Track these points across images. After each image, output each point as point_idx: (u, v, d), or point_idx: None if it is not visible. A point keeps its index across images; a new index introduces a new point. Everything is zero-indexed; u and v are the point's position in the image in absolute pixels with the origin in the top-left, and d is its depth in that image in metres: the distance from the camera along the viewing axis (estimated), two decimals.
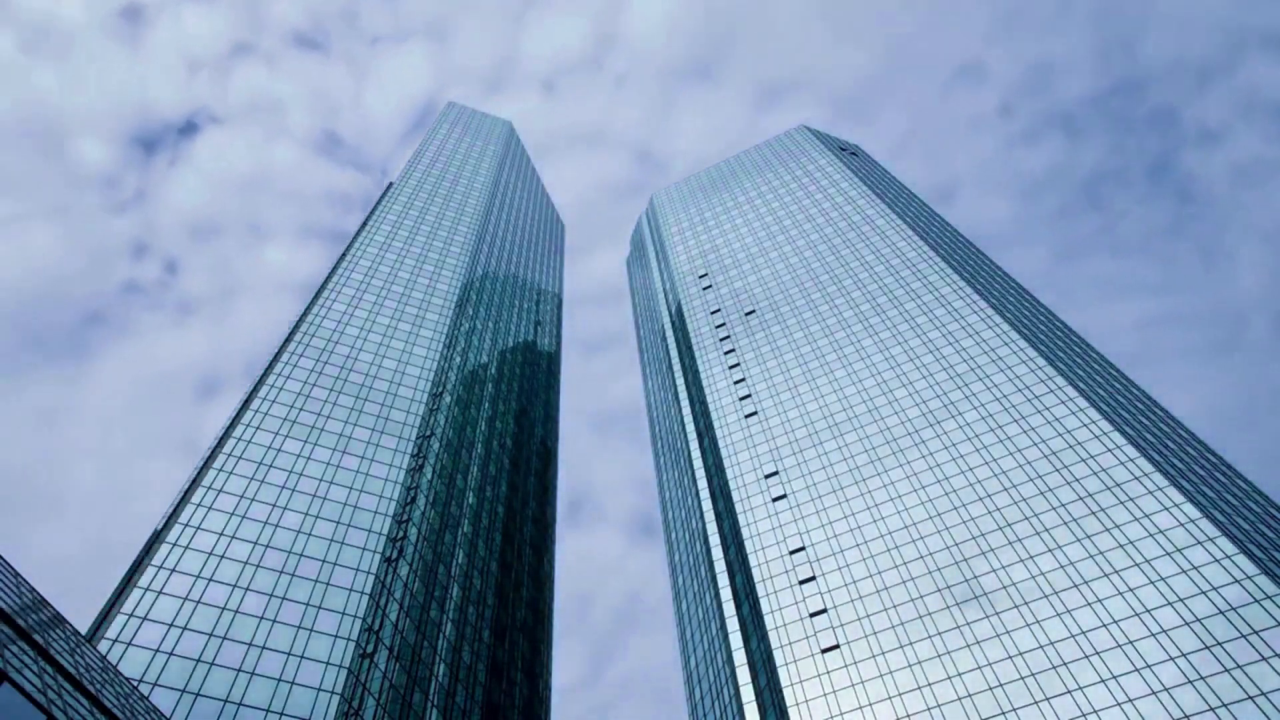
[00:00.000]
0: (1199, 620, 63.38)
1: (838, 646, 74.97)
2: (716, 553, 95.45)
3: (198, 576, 65.75)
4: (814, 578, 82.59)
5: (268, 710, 58.48)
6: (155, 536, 71.01)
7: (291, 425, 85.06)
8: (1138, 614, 65.89)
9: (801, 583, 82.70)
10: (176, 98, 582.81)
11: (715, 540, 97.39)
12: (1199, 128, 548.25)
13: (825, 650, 75.17)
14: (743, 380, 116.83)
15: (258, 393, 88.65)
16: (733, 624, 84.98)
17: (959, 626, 71.92)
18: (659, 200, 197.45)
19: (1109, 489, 76.80)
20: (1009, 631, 69.48)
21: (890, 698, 69.01)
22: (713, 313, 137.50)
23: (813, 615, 78.98)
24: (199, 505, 72.18)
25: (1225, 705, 57.65)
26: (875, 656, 72.70)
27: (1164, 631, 63.78)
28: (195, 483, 75.48)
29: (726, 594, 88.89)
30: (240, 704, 58.10)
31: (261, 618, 64.69)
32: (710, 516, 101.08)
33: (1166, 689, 60.23)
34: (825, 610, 78.83)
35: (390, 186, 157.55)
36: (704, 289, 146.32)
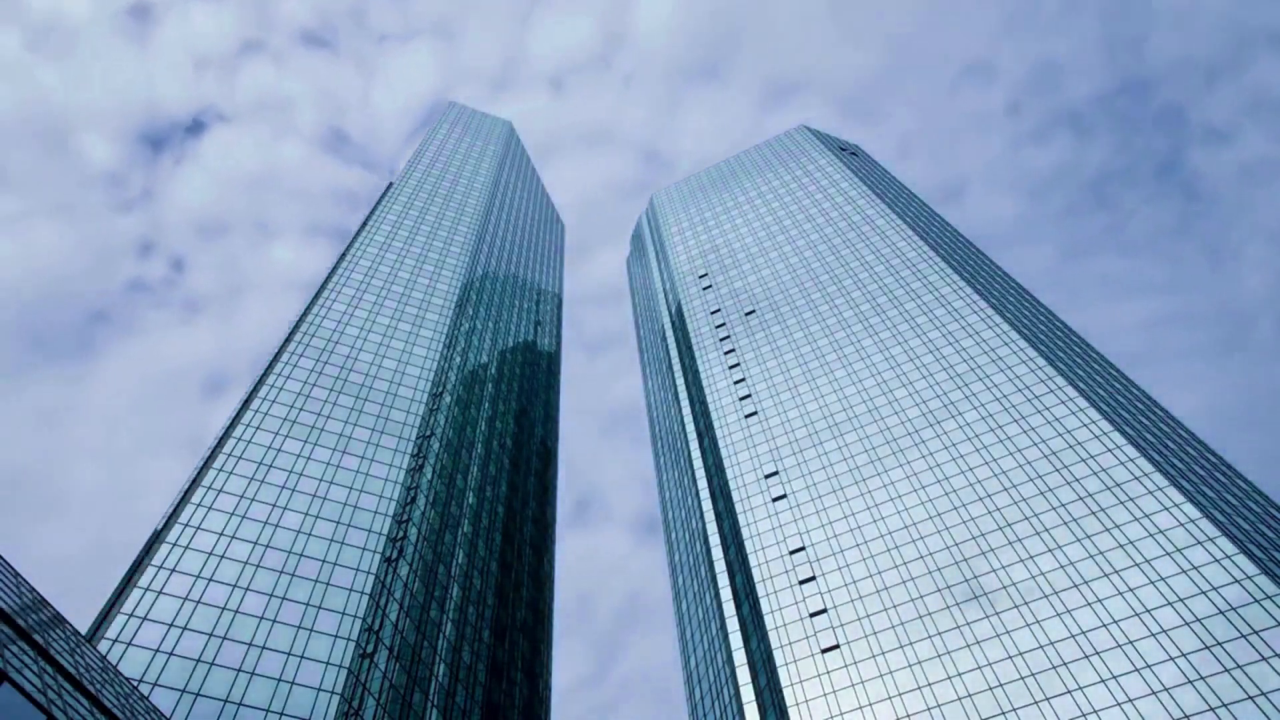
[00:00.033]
0: (1199, 620, 63.39)
1: (838, 646, 74.98)
2: (716, 553, 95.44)
3: (198, 576, 65.77)
4: (814, 578, 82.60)
5: (268, 710, 58.49)
6: (155, 536, 71.03)
7: (291, 425, 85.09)
8: (1138, 614, 65.90)
9: (801, 583, 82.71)
10: (184, 95, 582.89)
11: (715, 540, 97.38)
12: (1206, 127, 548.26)
13: (825, 650, 75.17)
14: (743, 380, 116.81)
15: (258, 393, 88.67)
16: (733, 624, 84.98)
17: (959, 626, 71.92)
18: (659, 200, 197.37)
19: (1109, 489, 76.80)
20: (1009, 631, 69.48)
21: (890, 698, 69.01)
22: (713, 312, 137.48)
23: (813, 615, 78.99)
24: (199, 505, 72.20)
25: (1225, 705, 57.65)
26: (875, 656, 72.70)
27: (1164, 631, 63.79)
28: (195, 482, 75.51)
29: (726, 594, 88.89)
30: (240, 704, 58.12)
31: (261, 618, 64.71)
32: (710, 516, 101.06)
33: (1166, 689, 60.23)
34: (825, 610, 78.83)
35: (390, 187, 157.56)
36: (704, 289, 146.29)
